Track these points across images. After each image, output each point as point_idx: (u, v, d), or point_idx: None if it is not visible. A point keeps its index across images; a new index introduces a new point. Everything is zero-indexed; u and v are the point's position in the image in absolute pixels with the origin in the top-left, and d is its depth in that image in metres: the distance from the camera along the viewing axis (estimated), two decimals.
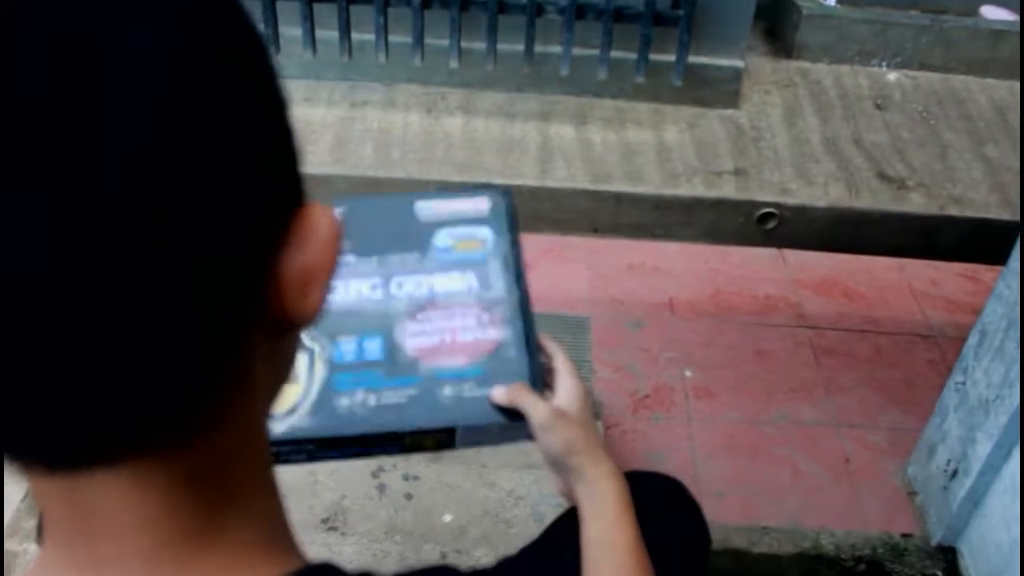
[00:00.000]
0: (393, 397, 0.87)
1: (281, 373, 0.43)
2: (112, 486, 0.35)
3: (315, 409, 0.85)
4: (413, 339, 0.90)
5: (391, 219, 0.97)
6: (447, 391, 0.88)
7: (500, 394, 0.88)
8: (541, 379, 0.93)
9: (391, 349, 0.89)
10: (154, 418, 0.33)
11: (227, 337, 0.34)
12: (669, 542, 0.83)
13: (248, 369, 0.37)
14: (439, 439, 0.88)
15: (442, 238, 0.97)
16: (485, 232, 1.00)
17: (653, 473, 1.14)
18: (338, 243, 0.37)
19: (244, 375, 0.37)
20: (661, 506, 0.83)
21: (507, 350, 0.94)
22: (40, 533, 1.08)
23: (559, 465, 0.87)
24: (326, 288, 0.37)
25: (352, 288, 0.92)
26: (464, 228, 0.99)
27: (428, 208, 0.99)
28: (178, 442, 0.35)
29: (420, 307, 0.92)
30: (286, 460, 0.87)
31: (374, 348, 0.89)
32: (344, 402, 0.86)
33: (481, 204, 1.01)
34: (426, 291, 0.93)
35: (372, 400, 0.86)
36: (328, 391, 0.86)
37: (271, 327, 0.37)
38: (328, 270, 0.37)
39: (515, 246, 0.99)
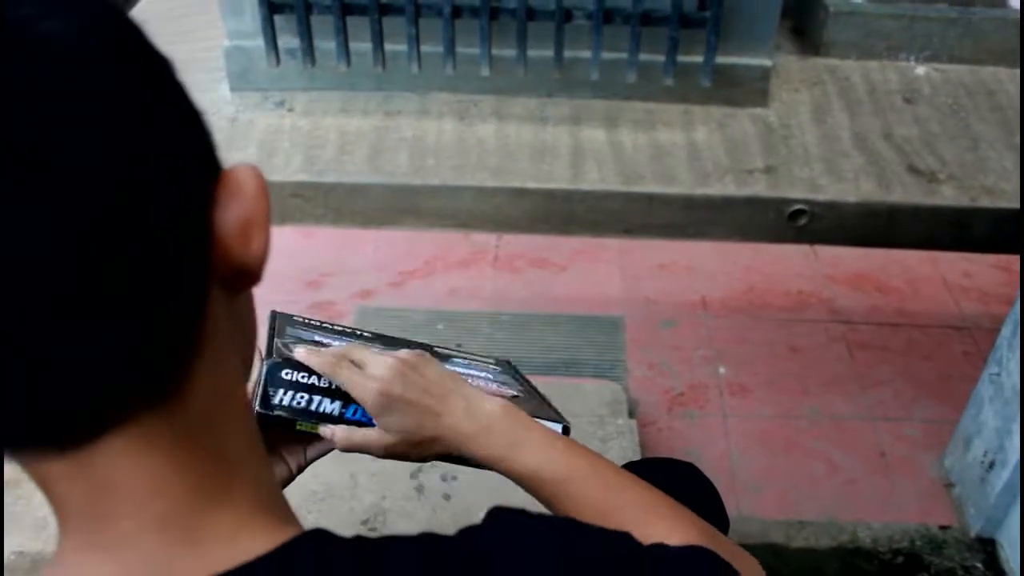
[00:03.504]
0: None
1: (244, 331, 0.47)
2: (123, 450, 0.39)
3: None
4: None
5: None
6: None
7: (331, 434, 0.82)
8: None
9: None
10: (140, 372, 0.37)
11: (187, 290, 0.39)
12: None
13: (211, 324, 0.41)
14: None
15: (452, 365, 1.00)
16: (492, 373, 1.02)
17: (665, 459, 1.13)
18: (265, 192, 0.42)
19: (209, 329, 0.41)
20: (678, 489, 0.80)
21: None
22: None
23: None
24: (265, 233, 0.41)
25: None
26: (473, 369, 1.01)
27: (441, 351, 1.02)
28: (165, 394, 0.39)
29: None
30: None
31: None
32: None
33: (488, 361, 1.05)
34: None
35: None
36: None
37: (227, 281, 0.41)
38: (263, 216, 0.41)
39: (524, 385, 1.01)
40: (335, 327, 0.97)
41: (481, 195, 2.76)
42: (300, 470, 0.86)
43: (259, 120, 3.02)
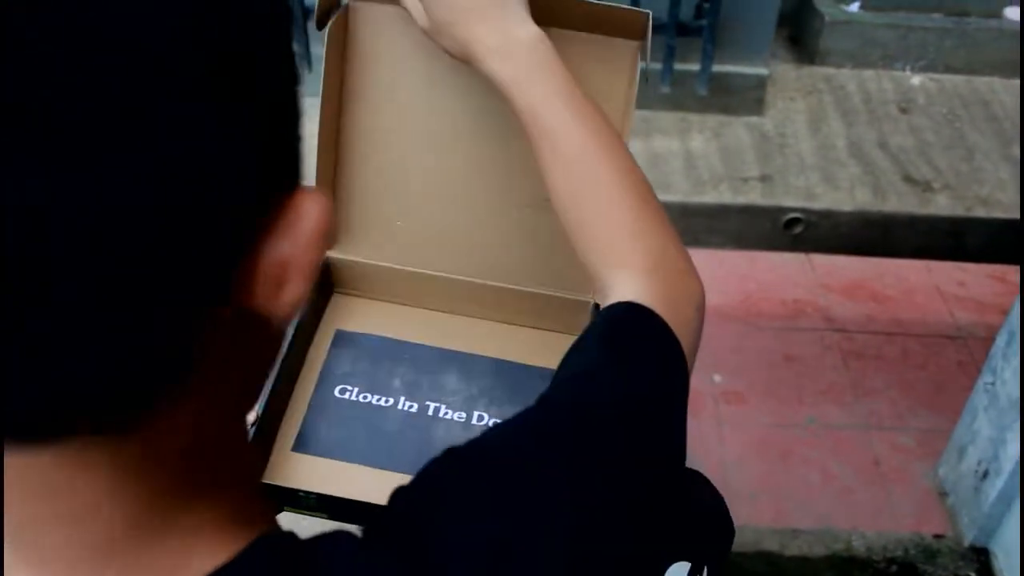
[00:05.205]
0: None
1: (252, 368, 0.39)
2: (60, 464, 0.32)
3: None
4: None
5: None
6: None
7: None
8: None
9: None
10: (98, 395, 0.30)
11: (181, 317, 0.30)
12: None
13: (204, 356, 0.33)
14: None
15: None
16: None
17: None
18: (324, 238, 0.33)
19: (199, 362, 0.33)
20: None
21: None
22: None
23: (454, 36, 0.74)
24: (303, 287, 0.33)
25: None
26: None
27: None
28: (124, 424, 0.32)
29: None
30: None
31: None
32: None
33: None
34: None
35: None
36: None
37: (237, 317, 0.33)
38: (309, 267, 0.33)
39: None
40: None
41: None
42: None
43: None
